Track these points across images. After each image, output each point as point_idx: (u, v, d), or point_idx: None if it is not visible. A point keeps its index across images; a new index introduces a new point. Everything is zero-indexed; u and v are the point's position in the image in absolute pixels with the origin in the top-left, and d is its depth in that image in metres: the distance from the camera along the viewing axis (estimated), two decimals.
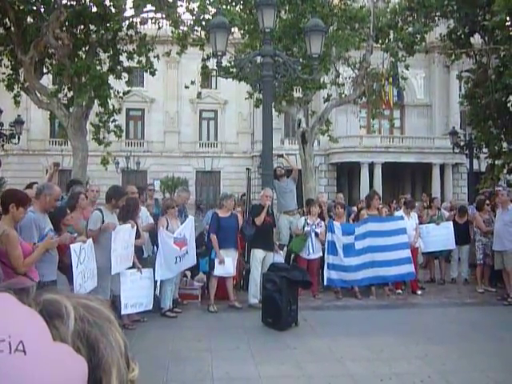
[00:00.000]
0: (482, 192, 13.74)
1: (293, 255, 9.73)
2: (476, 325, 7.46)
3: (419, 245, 10.02)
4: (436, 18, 17.33)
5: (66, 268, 5.75)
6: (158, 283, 7.68)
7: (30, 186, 7.79)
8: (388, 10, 17.79)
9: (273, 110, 13.03)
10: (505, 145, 17.52)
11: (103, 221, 6.58)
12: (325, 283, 9.21)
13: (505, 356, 5.92)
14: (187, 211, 9.27)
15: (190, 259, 8.21)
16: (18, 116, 19.84)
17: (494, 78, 15.12)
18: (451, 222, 10.63)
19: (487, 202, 10.29)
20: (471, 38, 16.96)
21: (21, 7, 12.92)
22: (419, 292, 9.63)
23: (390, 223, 9.40)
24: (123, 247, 6.65)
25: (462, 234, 10.59)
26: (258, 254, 8.47)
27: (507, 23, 14.00)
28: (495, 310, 8.51)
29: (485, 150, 18.74)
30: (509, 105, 15.66)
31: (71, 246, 5.62)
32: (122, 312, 6.95)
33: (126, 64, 14.97)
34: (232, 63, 14.99)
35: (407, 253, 9.22)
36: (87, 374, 0.62)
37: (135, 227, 7.00)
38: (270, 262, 8.22)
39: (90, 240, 6.15)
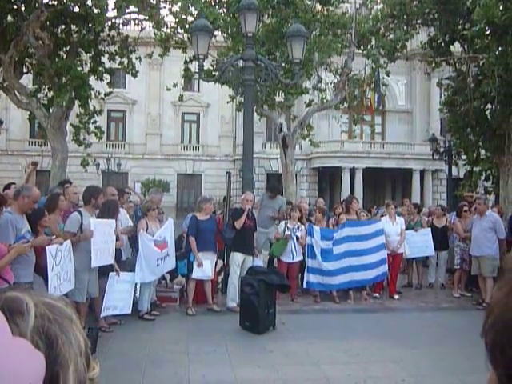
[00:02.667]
0: (465, 196, 13.89)
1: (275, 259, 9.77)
2: (451, 329, 7.56)
3: (404, 250, 10.11)
4: (417, 26, 17.55)
5: (42, 270, 5.70)
6: (139, 286, 7.63)
7: (8, 186, 7.71)
8: (370, 16, 17.99)
9: (254, 113, 13.08)
10: (482, 152, 17.79)
11: (82, 223, 6.54)
12: (304, 286, 9.25)
13: (479, 360, 5.94)
14: (164, 214, 9.23)
15: (171, 262, 8.18)
16: None
17: (472, 87, 15.33)
18: (429, 229, 10.75)
19: (465, 208, 10.41)
20: (451, 47, 17.18)
21: (0, 5, 12.78)
22: (396, 296, 9.72)
23: (367, 227, 9.49)
24: (103, 241, 6.60)
25: (441, 240, 10.71)
26: (236, 258, 8.47)
27: (486, 33, 14.22)
28: (470, 315, 8.60)
29: (463, 156, 19.00)
30: (487, 113, 15.90)
31: (47, 248, 5.57)
32: (102, 314, 6.92)
33: (107, 65, 14.90)
34: (214, 66, 15.02)
35: (383, 254, 9.36)
36: (45, 368, 0.64)
37: (114, 222, 6.96)
38: (249, 265, 8.24)
39: (68, 242, 6.10)
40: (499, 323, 0.68)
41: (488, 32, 14.42)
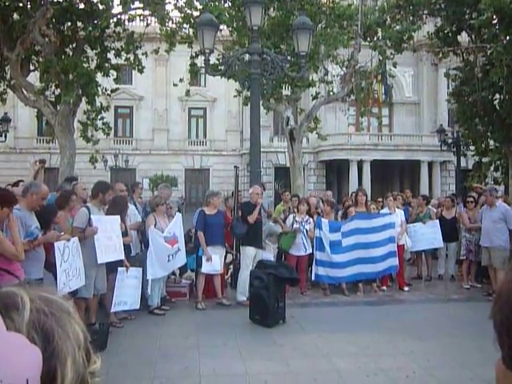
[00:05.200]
0: (474, 187, 13.79)
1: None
2: (461, 321, 7.54)
3: (405, 242, 10.07)
4: (424, 16, 17.40)
5: (52, 266, 5.74)
6: (150, 282, 7.65)
7: (16, 184, 7.75)
8: (376, 7, 17.86)
9: (261, 107, 13.06)
10: (491, 142, 17.65)
11: (90, 218, 6.56)
12: (312, 279, 9.24)
13: (489, 352, 5.92)
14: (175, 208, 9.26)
15: (182, 257, 8.21)
16: (5, 114, 19.68)
17: (480, 76, 15.20)
18: (437, 221, 10.70)
19: (470, 199, 10.36)
20: (458, 37, 17.04)
21: (7, 3, 12.82)
22: (406, 288, 9.70)
23: (377, 219, 9.45)
24: (106, 237, 6.62)
25: (450, 231, 10.65)
26: (249, 252, 8.46)
27: (493, 21, 14.09)
28: (481, 306, 8.55)
29: (472, 147, 18.87)
30: (495, 103, 15.76)
31: (55, 243, 5.60)
32: (112, 310, 6.96)
33: (113, 61, 14.91)
34: (220, 61, 14.98)
35: (393, 247, 9.31)
36: (41, 363, 0.63)
37: (119, 218, 6.97)
38: (259, 259, 8.24)
39: (76, 238, 6.12)
40: (506, 306, 0.71)
41: (495, 21, 14.29)
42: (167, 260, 7.81)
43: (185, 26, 15.08)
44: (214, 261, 8.11)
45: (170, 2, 14.46)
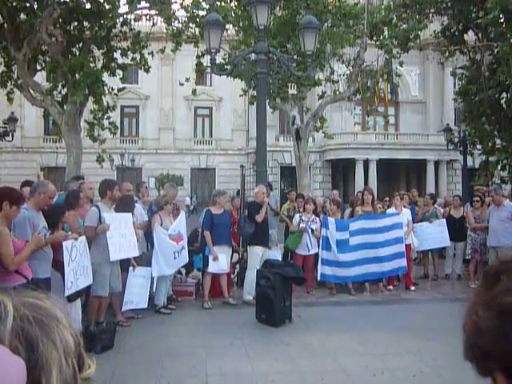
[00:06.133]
0: (477, 189, 13.76)
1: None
2: None
3: (411, 241, 10.04)
4: (430, 15, 17.36)
5: (60, 265, 5.76)
6: (155, 280, 7.68)
7: (26, 183, 7.75)
8: (382, 6, 17.84)
9: (267, 106, 13.06)
10: (498, 141, 17.58)
11: (100, 216, 6.59)
12: (318, 279, 9.23)
13: None
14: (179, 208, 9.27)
15: (185, 255, 8.22)
16: (12, 113, 19.73)
17: (487, 75, 15.16)
18: (444, 220, 10.66)
19: (476, 198, 10.31)
20: (465, 35, 17.00)
21: (14, 4, 12.88)
22: (412, 288, 9.67)
23: (384, 219, 9.40)
24: (120, 235, 6.65)
25: (458, 231, 10.58)
26: (257, 251, 8.46)
27: (500, 20, 14.03)
28: None
29: (479, 146, 18.79)
30: (502, 101, 15.70)
31: (63, 243, 5.63)
32: (123, 309, 7.00)
33: (120, 61, 14.95)
34: (226, 60, 15.01)
35: (401, 247, 9.26)
36: (25, 374, 0.61)
37: (131, 216, 7.01)
38: (266, 258, 8.25)
39: (83, 237, 6.15)
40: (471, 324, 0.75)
41: (502, 19, 14.23)
42: (173, 257, 7.83)
43: (191, 25, 15.11)
44: (221, 260, 8.12)
45: (176, 2, 14.49)
